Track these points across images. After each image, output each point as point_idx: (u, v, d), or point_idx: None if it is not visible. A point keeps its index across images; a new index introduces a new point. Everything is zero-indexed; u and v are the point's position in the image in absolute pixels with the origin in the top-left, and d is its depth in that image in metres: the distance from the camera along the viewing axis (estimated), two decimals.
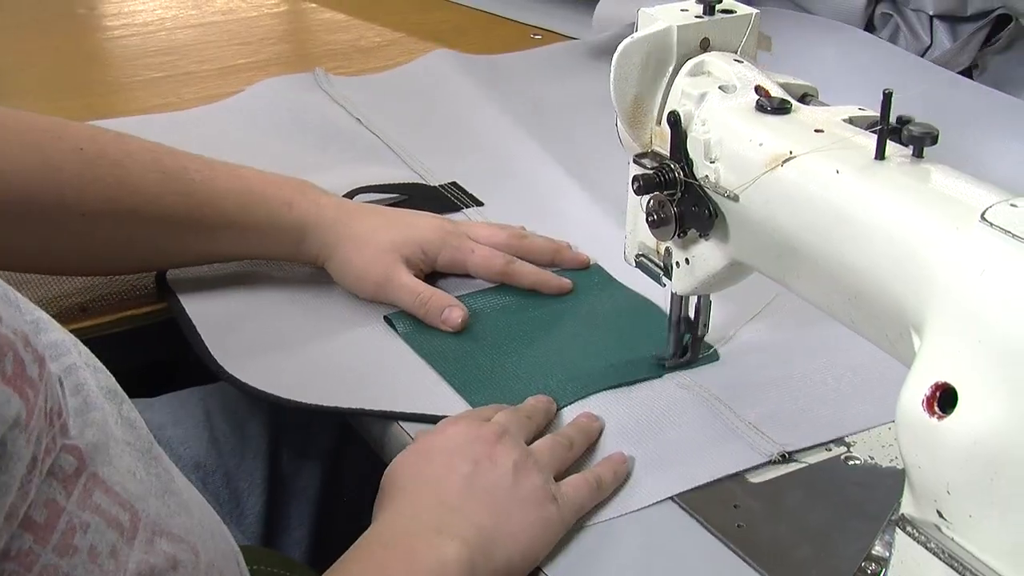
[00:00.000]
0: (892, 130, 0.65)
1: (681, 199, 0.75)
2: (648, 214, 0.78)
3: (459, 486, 0.72)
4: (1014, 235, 0.55)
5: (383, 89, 1.39)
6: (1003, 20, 1.35)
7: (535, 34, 1.60)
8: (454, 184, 1.15)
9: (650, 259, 0.84)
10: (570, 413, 0.83)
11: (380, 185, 1.12)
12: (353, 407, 0.84)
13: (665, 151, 0.76)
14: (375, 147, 1.24)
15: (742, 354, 0.90)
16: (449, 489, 0.72)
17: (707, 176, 0.73)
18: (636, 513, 0.75)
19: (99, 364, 0.55)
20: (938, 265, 0.58)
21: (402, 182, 1.14)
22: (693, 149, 0.74)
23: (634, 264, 0.86)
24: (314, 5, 1.75)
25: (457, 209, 1.11)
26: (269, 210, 0.93)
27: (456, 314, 0.92)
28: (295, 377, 0.87)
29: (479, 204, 1.12)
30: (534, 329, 0.93)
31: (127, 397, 0.56)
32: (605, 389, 0.85)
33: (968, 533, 0.56)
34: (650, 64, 0.76)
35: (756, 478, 0.77)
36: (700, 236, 0.77)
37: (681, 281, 0.81)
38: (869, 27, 1.38)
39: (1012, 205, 0.57)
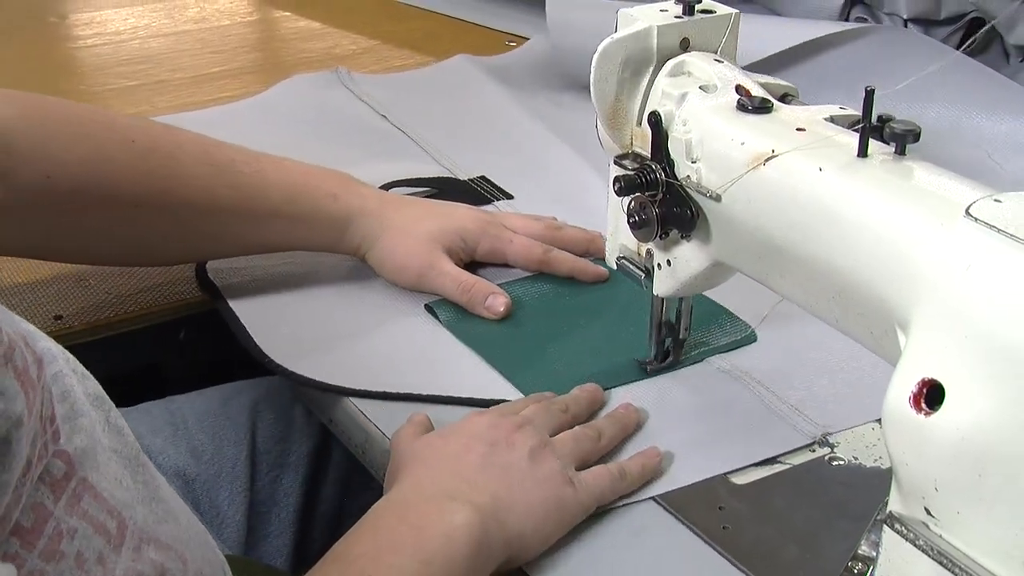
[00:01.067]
0: (874, 128, 0.65)
1: (663, 200, 0.75)
2: (629, 215, 0.77)
3: (475, 462, 0.73)
4: (999, 230, 0.55)
5: (405, 88, 1.42)
6: (976, 23, 1.36)
7: (509, 41, 1.60)
8: (483, 178, 1.18)
9: (631, 261, 0.83)
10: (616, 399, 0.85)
11: (411, 179, 1.14)
12: (408, 392, 0.85)
13: (646, 152, 0.76)
14: (402, 143, 1.27)
15: (779, 336, 0.91)
16: (465, 463, 0.73)
17: (689, 176, 0.73)
18: (621, 515, 0.74)
19: (85, 371, 0.54)
20: (923, 261, 0.58)
21: (433, 176, 1.17)
22: (674, 149, 0.74)
23: (615, 266, 0.85)
24: (288, 14, 1.75)
25: (488, 202, 1.13)
26: (315, 201, 0.95)
27: (500, 301, 0.93)
28: (343, 367, 0.88)
29: (509, 197, 1.14)
30: (574, 316, 0.94)
31: (113, 405, 0.55)
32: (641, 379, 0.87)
33: (956, 530, 0.55)
34: (630, 64, 0.76)
35: (740, 479, 0.77)
36: (682, 237, 0.77)
37: (663, 283, 0.81)
38: None
39: (996, 200, 0.57)
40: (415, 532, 0.68)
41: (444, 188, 1.14)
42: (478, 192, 1.15)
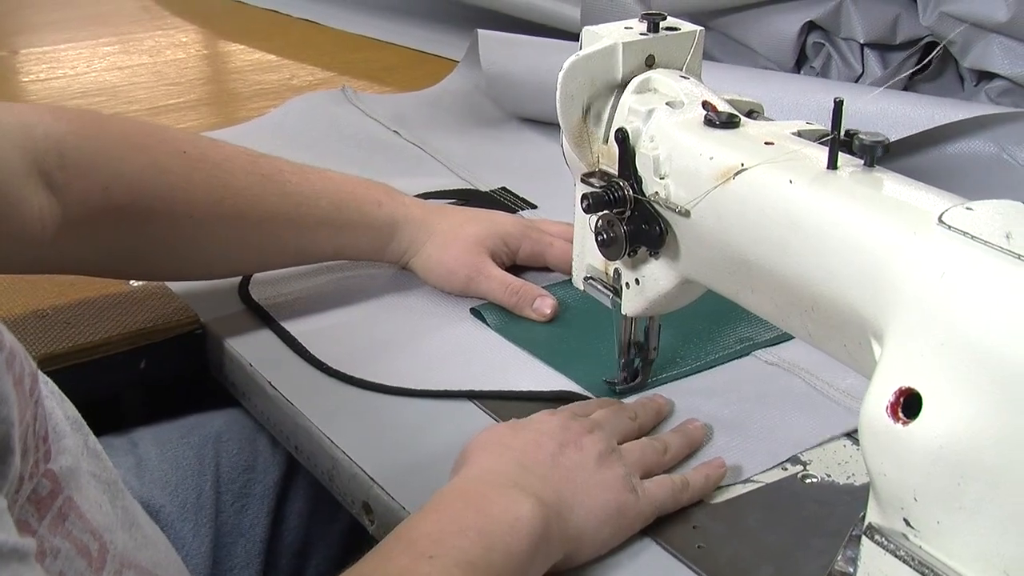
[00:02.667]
0: (842, 142, 0.65)
1: (631, 217, 0.74)
2: (597, 233, 0.77)
3: (545, 459, 0.73)
4: (972, 236, 0.55)
5: (411, 106, 1.43)
6: (932, 47, 1.37)
7: None
8: (504, 189, 1.19)
9: (599, 281, 0.82)
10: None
11: (436, 192, 1.16)
12: (470, 390, 0.87)
13: (613, 169, 0.76)
14: (419, 158, 1.29)
15: None
16: (534, 458, 0.73)
17: (657, 192, 0.72)
18: None
19: (63, 395, 0.53)
20: (898, 270, 0.57)
21: (455, 188, 1.18)
22: (642, 166, 0.73)
23: (583, 288, 0.85)
24: (242, 46, 1.74)
25: (512, 212, 1.14)
26: (361, 208, 0.96)
27: (547, 303, 0.95)
28: (399, 371, 0.89)
29: (533, 207, 1.16)
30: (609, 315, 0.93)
31: (90, 430, 0.54)
32: (696, 372, 0.89)
33: (936, 540, 0.55)
34: (596, 82, 0.76)
35: (714, 499, 0.76)
36: (650, 255, 0.76)
37: (632, 302, 0.80)
38: (801, 56, 1.39)
39: (968, 208, 0.57)
40: (481, 517, 0.67)
41: (467, 199, 1.16)
42: (501, 203, 1.16)
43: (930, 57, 1.33)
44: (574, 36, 0.77)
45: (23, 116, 0.84)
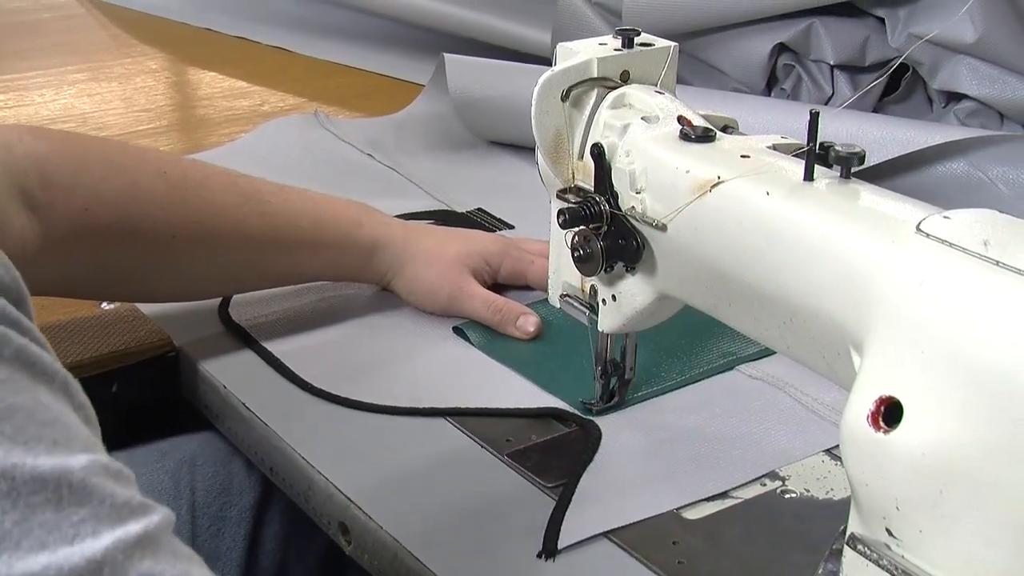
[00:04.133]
0: (818, 154, 0.65)
1: (607, 232, 0.74)
2: (573, 249, 0.77)
3: None
4: (951, 244, 0.55)
5: (383, 129, 1.43)
6: (902, 69, 1.38)
7: None
8: (480, 210, 1.19)
9: (575, 298, 0.82)
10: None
11: (413, 213, 1.16)
12: (456, 407, 0.87)
13: (588, 185, 0.76)
14: (394, 180, 1.29)
15: None
16: None
17: (633, 207, 0.72)
18: (573, 552, 0.73)
19: None
20: (876, 279, 0.57)
21: (432, 209, 1.19)
22: (618, 180, 0.73)
23: (559, 305, 0.84)
24: (213, 73, 1.74)
25: (490, 232, 1.14)
26: (341, 229, 0.96)
27: (531, 320, 0.95)
28: (384, 390, 0.89)
29: (510, 227, 1.16)
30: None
31: None
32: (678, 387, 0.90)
33: (919, 550, 0.55)
34: (571, 97, 0.76)
35: (693, 514, 0.76)
36: (627, 270, 0.76)
37: (608, 319, 0.80)
38: (772, 78, 1.39)
39: (945, 217, 0.57)
40: None
41: (445, 220, 1.16)
42: (478, 224, 1.17)
43: (885, 71, 1.34)
44: (544, 60, 0.77)
45: (2, 135, 0.83)
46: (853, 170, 0.64)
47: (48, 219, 0.83)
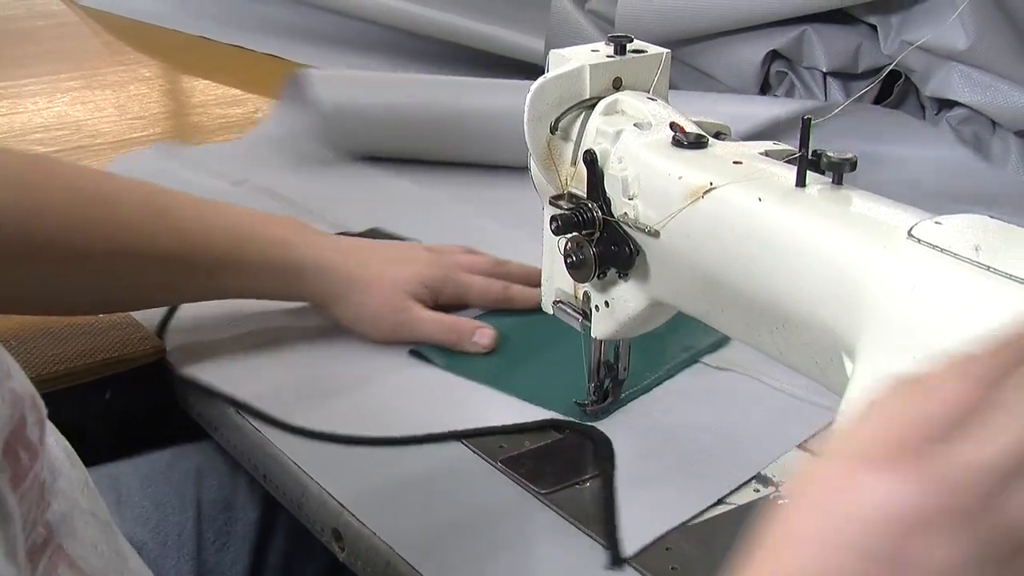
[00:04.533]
0: (810, 161, 0.65)
1: (600, 239, 0.74)
2: (566, 256, 0.76)
3: None
4: (943, 249, 0.55)
5: (237, 153, 1.39)
6: (894, 76, 1.39)
7: None
8: (374, 230, 1.14)
9: (568, 305, 0.82)
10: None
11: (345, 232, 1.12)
12: (470, 428, 0.85)
13: (581, 191, 0.76)
14: (274, 206, 1.21)
15: None
16: None
17: (626, 213, 0.72)
18: (564, 559, 0.73)
19: (54, 427, 0.52)
20: (868, 284, 0.57)
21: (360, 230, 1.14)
22: (611, 187, 0.73)
23: (551, 312, 0.84)
24: (207, 81, 1.74)
25: None
26: (263, 249, 0.92)
27: (487, 333, 0.93)
28: (362, 419, 0.86)
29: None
30: (548, 336, 0.93)
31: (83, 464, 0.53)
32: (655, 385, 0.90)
33: None
34: (563, 104, 0.76)
35: (688, 521, 0.75)
36: (620, 276, 0.76)
37: (601, 325, 0.80)
38: (765, 85, 1.40)
39: (936, 223, 0.57)
40: None
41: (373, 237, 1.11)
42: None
43: (877, 78, 1.34)
44: (537, 67, 0.76)
45: None
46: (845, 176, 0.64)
47: None
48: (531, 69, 1.40)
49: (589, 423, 0.85)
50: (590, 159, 0.74)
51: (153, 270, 0.90)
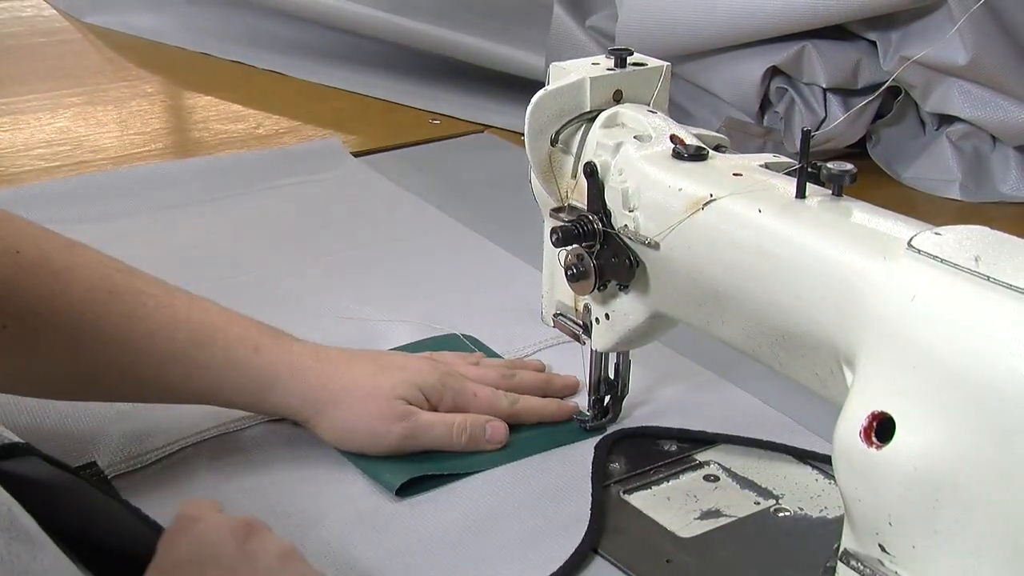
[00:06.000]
0: (810, 174, 0.65)
1: (600, 251, 0.74)
2: (567, 268, 0.77)
3: None
4: (942, 260, 0.55)
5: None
6: (893, 92, 1.39)
7: (433, 119, 1.61)
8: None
9: (568, 317, 0.82)
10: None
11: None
12: None
13: (581, 204, 0.76)
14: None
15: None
16: None
17: (626, 225, 0.73)
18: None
19: None
20: (868, 295, 0.58)
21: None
22: (611, 199, 0.73)
23: (552, 324, 0.84)
24: (209, 97, 1.74)
25: None
26: (231, 350, 0.82)
27: (497, 426, 0.85)
28: None
29: None
30: None
31: None
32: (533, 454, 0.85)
33: (912, 565, 0.55)
34: (564, 116, 0.76)
35: (686, 533, 0.75)
36: (620, 289, 0.76)
37: (601, 337, 0.80)
38: (765, 101, 1.40)
39: (936, 233, 0.58)
40: None
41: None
42: None
43: (877, 94, 1.34)
44: (538, 83, 0.76)
45: None
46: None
47: None
48: (532, 85, 1.40)
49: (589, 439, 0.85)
50: (590, 171, 0.74)
51: (92, 357, 0.80)
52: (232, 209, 1.30)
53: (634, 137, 0.74)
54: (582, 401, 0.87)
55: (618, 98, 0.77)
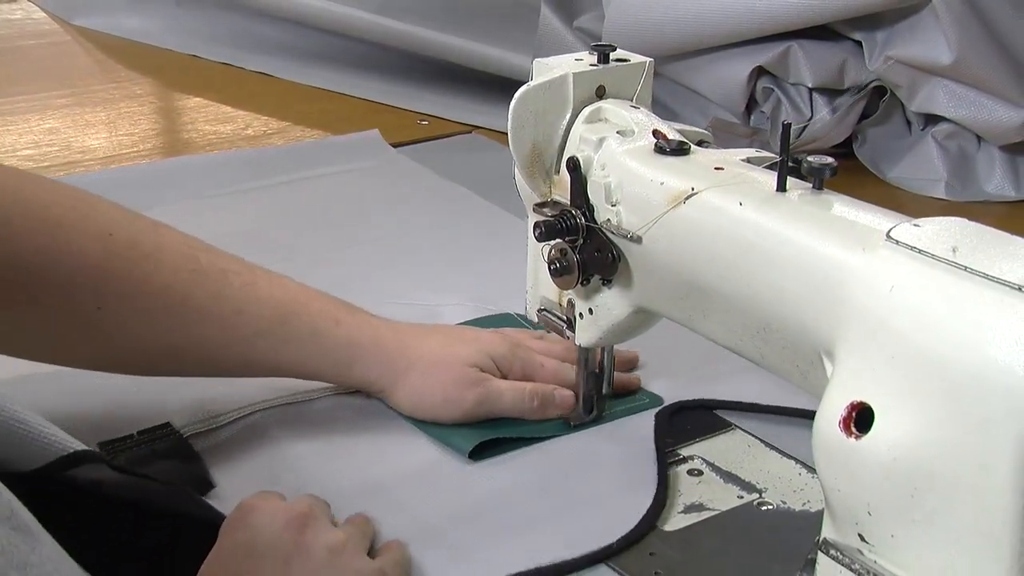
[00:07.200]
0: (791, 168, 0.65)
1: (583, 245, 0.75)
2: (550, 263, 0.77)
3: None
4: (920, 251, 0.55)
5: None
6: (879, 92, 1.39)
7: (421, 120, 1.61)
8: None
9: (552, 313, 0.83)
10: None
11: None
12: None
13: (565, 199, 0.76)
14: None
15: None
16: None
17: (609, 219, 0.73)
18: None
19: None
20: (848, 286, 0.58)
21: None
22: (594, 194, 0.74)
23: (536, 320, 0.85)
24: (198, 99, 1.74)
25: None
26: (312, 323, 0.85)
27: (566, 393, 0.88)
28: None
29: None
30: None
31: None
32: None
33: (891, 554, 0.55)
34: (547, 111, 0.76)
35: (670, 526, 0.76)
36: (603, 283, 0.77)
37: (585, 332, 0.80)
38: (751, 102, 1.41)
39: (915, 225, 0.58)
40: None
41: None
42: None
43: (863, 94, 1.35)
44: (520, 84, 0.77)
45: None
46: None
47: None
48: (520, 86, 1.40)
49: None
50: (573, 166, 0.74)
51: (180, 334, 0.83)
52: (269, 198, 1.33)
53: (617, 132, 0.74)
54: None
55: (601, 94, 0.77)
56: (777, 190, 0.65)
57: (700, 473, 0.81)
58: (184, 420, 0.86)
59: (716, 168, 0.69)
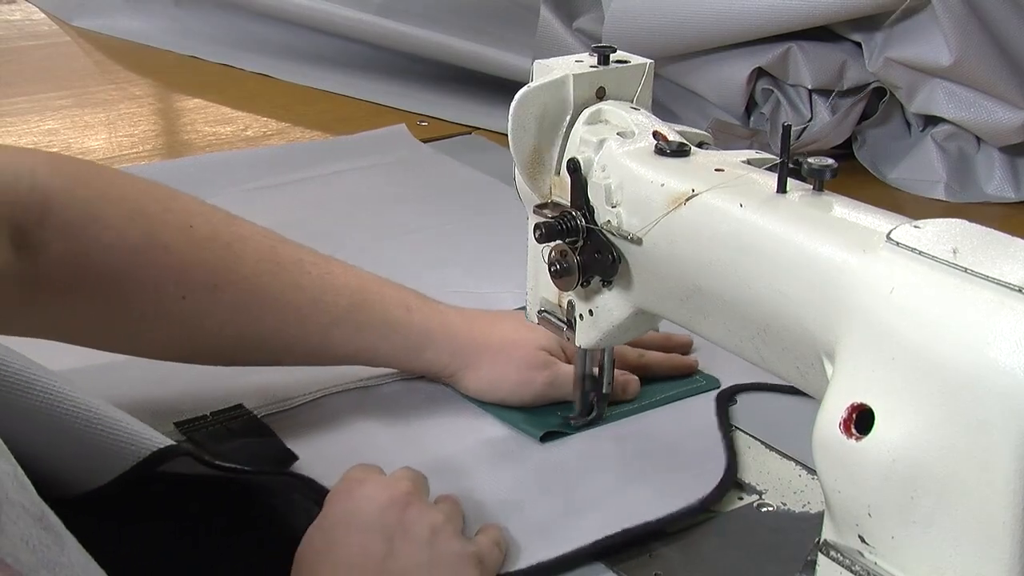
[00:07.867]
0: (791, 169, 0.65)
1: (584, 247, 0.75)
2: (550, 264, 0.77)
3: (375, 571, 0.66)
4: (920, 252, 0.56)
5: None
6: (879, 93, 1.40)
7: (421, 121, 1.62)
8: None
9: (553, 314, 0.83)
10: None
11: None
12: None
13: (565, 200, 0.76)
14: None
15: None
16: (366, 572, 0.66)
17: (609, 221, 0.73)
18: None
19: None
20: (848, 287, 0.58)
21: None
22: (594, 195, 0.74)
23: (537, 321, 0.85)
24: (197, 100, 1.74)
25: None
26: (385, 311, 0.87)
27: (630, 379, 0.92)
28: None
29: None
30: None
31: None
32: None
33: (891, 556, 0.55)
34: (547, 113, 0.76)
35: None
36: (603, 285, 0.77)
37: (585, 334, 0.80)
38: (751, 103, 1.41)
39: (915, 227, 0.58)
40: None
41: None
42: None
43: (862, 95, 1.35)
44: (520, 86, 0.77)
45: (15, 162, 0.77)
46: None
47: (39, 260, 0.77)
48: (519, 88, 1.41)
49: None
50: (573, 167, 0.74)
51: (261, 324, 0.84)
52: (302, 191, 1.36)
53: (617, 133, 0.74)
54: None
55: (601, 95, 0.77)
56: (777, 192, 0.65)
57: None
58: (255, 403, 0.89)
59: (716, 170, 0.69)
